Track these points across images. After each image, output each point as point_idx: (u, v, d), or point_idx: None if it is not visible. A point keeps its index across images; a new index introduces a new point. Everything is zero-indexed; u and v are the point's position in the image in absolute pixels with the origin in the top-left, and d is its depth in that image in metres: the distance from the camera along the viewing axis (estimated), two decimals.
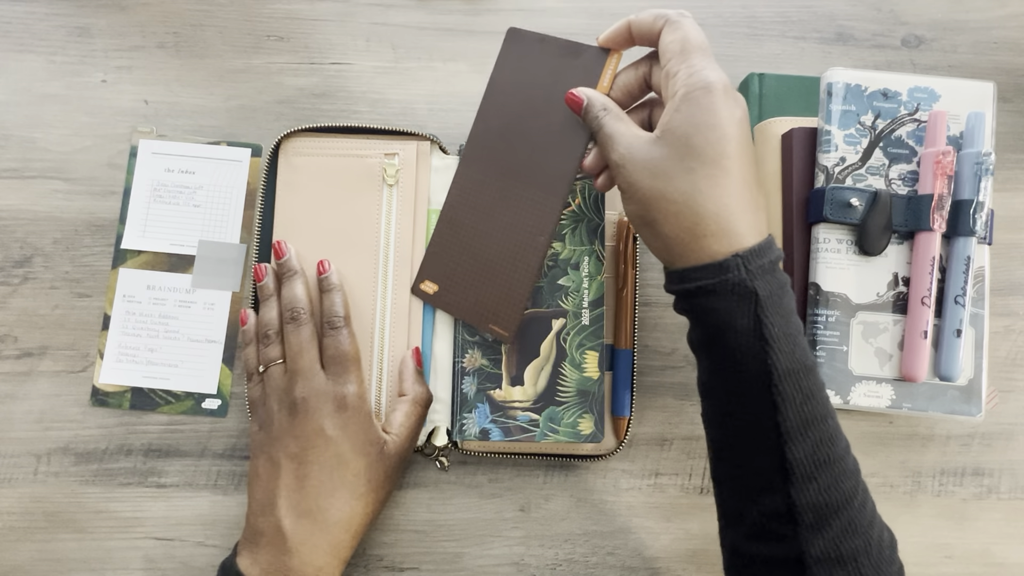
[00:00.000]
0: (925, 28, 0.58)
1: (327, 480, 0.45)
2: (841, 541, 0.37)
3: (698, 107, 0.38)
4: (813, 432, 0.37)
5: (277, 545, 0.44)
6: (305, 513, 0.45)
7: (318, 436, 0.46)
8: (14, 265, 0.53)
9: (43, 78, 0.55)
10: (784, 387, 0.37)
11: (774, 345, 0.37)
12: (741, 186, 0.38)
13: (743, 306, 0.37)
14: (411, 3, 0.57)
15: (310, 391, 0.47)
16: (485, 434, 0.50)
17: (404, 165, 0.53)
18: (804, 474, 0.37)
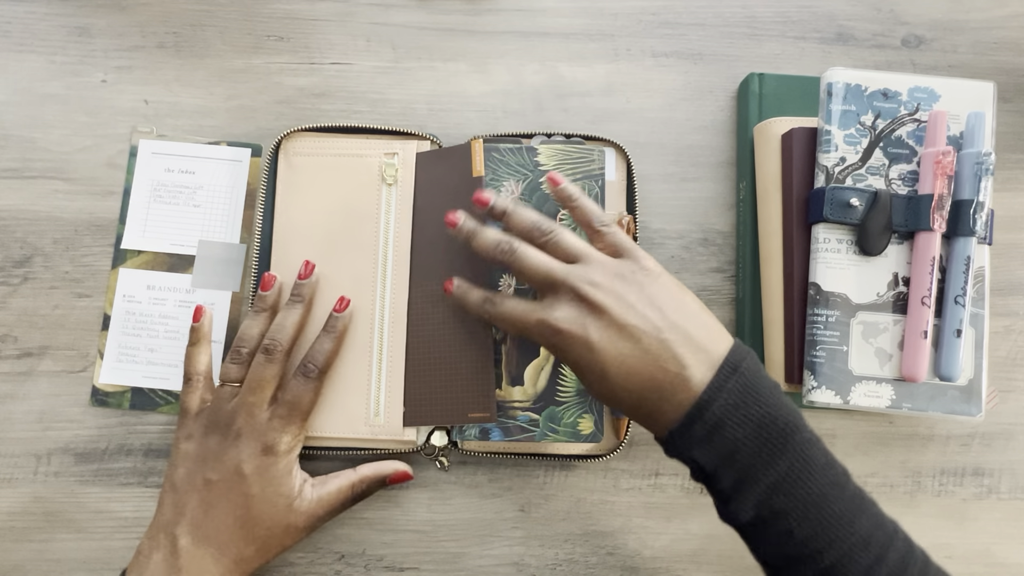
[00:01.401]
0: (925, 28, 0.58)
1: (230, 514, 0.45)
2: None
3: (570, 363, 0.42)
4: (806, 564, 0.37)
5: (168, 559, 0.44)
6: (203, 539, 0.45)
7: (235, 471, 0.45)
8: (14, 265, 0.53)
9: (43, 78, 0.55)
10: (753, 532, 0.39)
11: (729, 499, 0.39)
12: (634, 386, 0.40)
13: (696, 470, 0.40)
14: (411, 3, 0.57)
15: (247, 427, 0.46)
16: (485, 434, 0.50)
17: (404, 165, 0.53)
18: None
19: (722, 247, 0.56)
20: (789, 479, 0.37)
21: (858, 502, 0.38)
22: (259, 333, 0.49)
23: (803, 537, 0.37)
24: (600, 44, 0.57)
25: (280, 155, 0.53)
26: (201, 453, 0.46)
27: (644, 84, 0.57)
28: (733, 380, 0.39)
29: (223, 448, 0.46)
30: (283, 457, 0.46)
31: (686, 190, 0.56)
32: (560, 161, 0.53)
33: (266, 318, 0.49)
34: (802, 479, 0.37)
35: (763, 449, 0.38)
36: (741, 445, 0.38)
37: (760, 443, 0.38)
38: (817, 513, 0.37)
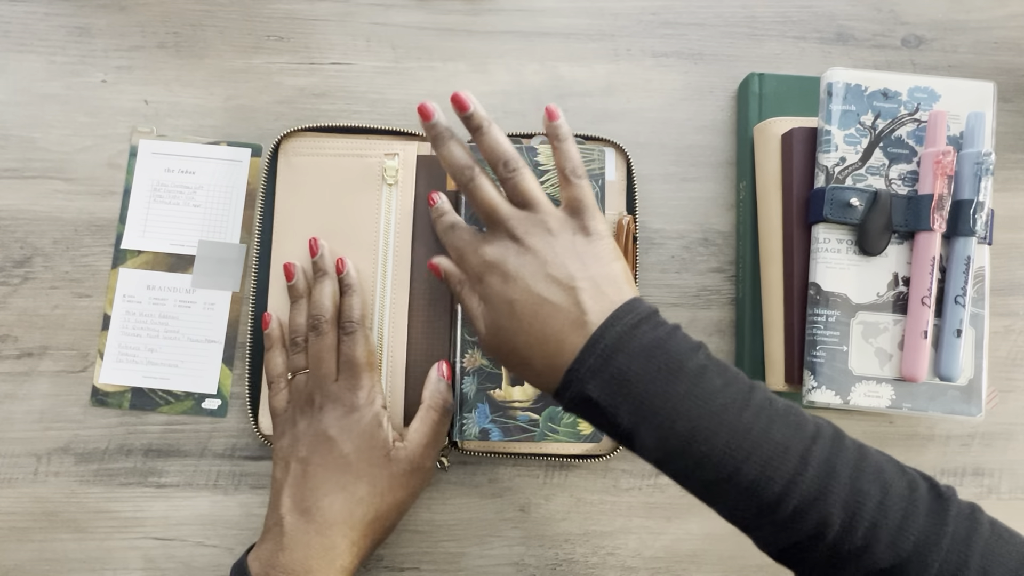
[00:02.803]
0: (925, 28, 0.58)
1: (326, 481, 0.45)
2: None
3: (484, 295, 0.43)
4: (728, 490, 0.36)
5: (275, 539, 0.45)
6: (304, 511, 0.45)
7: (323, 438, 0.46)
8: (14, 265, 0.53)
9: (43, 78, 0.55)
10: (666, 466, 0.38)
11: (632, 435, 0.38)
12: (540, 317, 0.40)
13: (593, 411, 0.39)
14: (411, 3, 0.57)
15: (323, 397, 0.48)
16: (485, 434, 0.50)
17: (404, 165, 0.53)
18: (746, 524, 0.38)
19: (722, 247, 0.56)
20: (688, 402, 0.36)
21: (768, 411, 0.37)
22: (305, 319, 0.50)
23: (717, 458, 0.36)
24: (600, 44, 0.57)
25: (280, 155, 0.53)
26: (293, 440, 0.47)
27: (644, 84, 0.57)
28: (628, 317, 0.39)
29: (310, 425, 0.47)
30: (366, 411, 0.47)
31: (686, 190, 0.56)
32: None
33: (304, 304, 0.51)
34: (702, 400, 0.36)
35: (657, 376, 0.37)
36: (634, 374, 0.37)
37: (653, 370, 0.37)
38: (725, 430, 0.36)
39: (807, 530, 0.35)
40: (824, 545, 0.35)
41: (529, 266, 0.41)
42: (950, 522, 0.35)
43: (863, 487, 0.35)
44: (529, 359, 0.41)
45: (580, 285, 0.40)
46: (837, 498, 0.35)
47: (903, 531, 0.34)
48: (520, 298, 0.41)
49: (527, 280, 0.41)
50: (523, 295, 0.41)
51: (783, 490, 0.35)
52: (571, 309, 0.40)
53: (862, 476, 0.36)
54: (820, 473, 0.35)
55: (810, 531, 0.35)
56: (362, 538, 0.46)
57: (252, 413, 0.51)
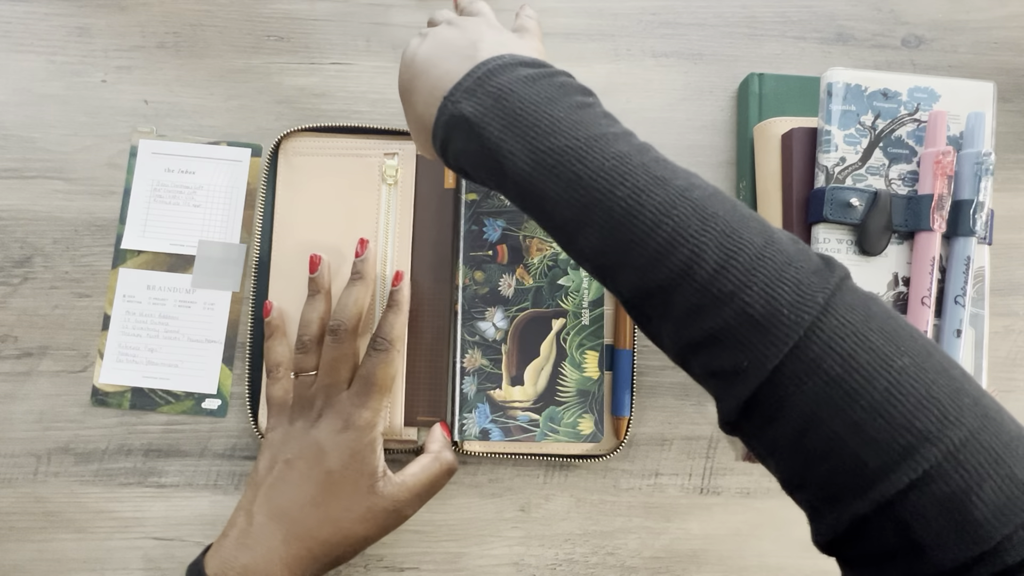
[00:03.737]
0: (925, 28, 0.58)
1: (307, 492, 0.45)
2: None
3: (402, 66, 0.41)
4: (598, 213, 0.32)
5: (240, 539, 0.44)
6: (276, 516, 0.44)
7: (314, 446, 0.46)
8: (14, 265, 0.53)
9: (43, 78, 0.55)
10: (535, 182, 0.33)
11: (499, 149, 0.33)
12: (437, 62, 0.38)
13: (463, 131, 0.35)
14: (411, 3, 0.57)
15: (326, 405, 0.47)
16: (485, 434, 0.50)
17: (404, 165, 0.53)
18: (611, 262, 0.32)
19: None
20: (566, 124, 0.33)
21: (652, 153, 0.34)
22: (318, 317, 0.49)
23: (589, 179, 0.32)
24: (600, 44, 0.57)
25: (280, 155, 0.53)
26: (285, 438, 0.47)
27: (644, 84, 0.57)
28: (525, 58, 0.36)
29: (305, 429, 0.46)
30: (364, 433, 0.46)
31: None
32: None
33: (322, 300, 0.49)
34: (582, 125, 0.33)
35: (538, 97, 0.34)
36: (512, 92, 0.34)
37: (534, 93, 0.34)
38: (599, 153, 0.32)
39: (670, 271, 0.31)
40: (688, 291, 0.31)
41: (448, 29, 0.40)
42: (835, 282, 0.31)
43: (743, 231, 0.31)
44: (414, 103, 0.39)
45: (485, 38, 0.38)
46: (713, 237, 0.31)
47: (782, 280, 0.30)
48: (425, 49, 0.39)
49: (439, 35, 0.40)
50: (429, 46, 0.39)
51: (655, 220, 0.31)
52: (466, 48, 0.37)
53: (746, 221, 0.32)
54: (697, 209, 0.31)
55: (674, 272, 0.31)
56: (321, 556, 0.44)
57: (252, 413, 0.51)
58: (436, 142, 0.37)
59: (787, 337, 0.29)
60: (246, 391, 0.52)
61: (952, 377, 0.29)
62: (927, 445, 0.27)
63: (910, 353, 0.29)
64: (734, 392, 0.31)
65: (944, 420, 0.28)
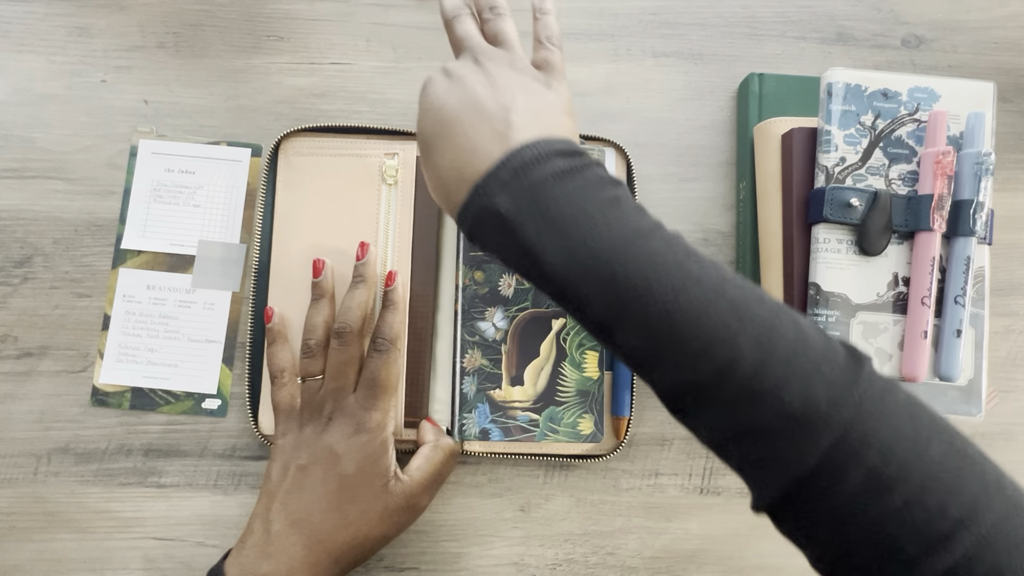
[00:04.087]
0: (925, 28, 0.58)
1: (323, 497, 0.45)
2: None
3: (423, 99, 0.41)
4: (636, 313, 0.33)
5: (260, 547, 0.44)
6: (295, 523, 0.44)
7: (328, 452, 0.46)
8: (14, 265, 0.53)
9: (43, 78, 0.55)
10: (572, 282, 0.34)
11: (537, 249, 0.34)
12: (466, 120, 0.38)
13: (497, 226, 0.35)
14: (411, 3, 0.57)
15: (336, 409, 0.47)
16: (485, 434, 0.50)
17: (404, 165, 0.53)
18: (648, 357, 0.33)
19: (722, 247, 0.56)
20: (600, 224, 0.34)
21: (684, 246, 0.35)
22: (323, 321, 0.49)
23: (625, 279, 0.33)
24: (600, 44, 0.57)
25: (280, 155, 0.53)
26: (296, 444, 0.47)
27: (644, 84, 0.57)
28: (558, 144, 0.36)
29: (316, 435, 0.46)
30: (376, 435, 0.46)
31: (686, 190, 0.56)
32: None
33: (326, 304, 0.50)
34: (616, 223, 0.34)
35: (573, 194, 0.34)
36: (548, 190, 0.34)
37: (570, 189, 0.34)
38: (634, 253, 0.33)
39: (712, 369, 0.32)
40: (729, 387, 0.32)
41: (478, 78, 0.39)
42: (865, 375, 0.32)
43: (778, 326, 0.32)
44: (438, 165, 0.39)
45: (517, 107, 0.38)
46: (750, 335, 0.32)
47: (816, 375, 0.31)
48: (454, 102, 0.39)
49: (470, 87, 0.39)
50: (459, 99, 0.39)
51: (694, 319, 0.32)
52: (500, 122, 0.37)
53: (779, 317, 0.33)
54: (734, 306, 0.32)
55: (715, 370, 0.32)
56: (342, 559, 0.45)
57: (252, 413, 0.51)
58: (463, 223, 0.38)
59: (828, 433, 0.31)
60: (246, 391, 0.52)
61: (975, 460, 0.32)
62: (963, 531, 0.30)
63: (938, 439, 0.32)
64: (775, 483, 0.32)
65: (975, 506, 0.30)
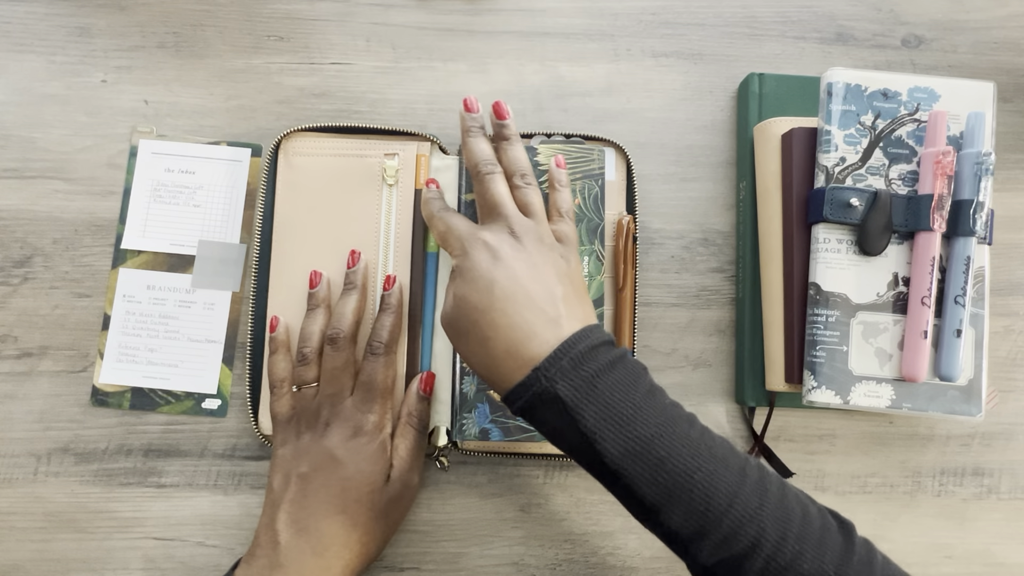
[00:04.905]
0: (925, 28, 0.58)
1: (327, 502, 0.45)
2: None
3: (464, 272, 0.42)
4: (681, 495, 0.37)
5: (270, 556, 0.44)
6: (302, 531, 0.45)
7: (327, 458, 0.46)
8: (14, 265, 0.53)
9: (43, 78, 0.55)
10: (626, 467, 0.38)
11: (595, 436, 0.38)
12: (518, 304, 0.40)
13: (556, 410, 0.38)
14: (411, 3, 0.57)
15: (332, 414, 0.47)
16: (485, 434, 0.50)
17: (404, 165, 0.53)
18: (690, 535, 0.37)
19: (722, 247, 0.56)
20: (647, 410, 0.38)
21: (708, 433, 0.39)
22: (319, 329, 0.49)
23: (672, 463, 0.37)
24: (600, 44, 0.57)
25: (280, 155, 0.53)
26: (296, 452, 0.47)
27: (644, 84, 0.57)
28: (598, 333, 0.40)
29: (315, 441, 0.47)
30: (373, 436, 0.47)
31: (686, 190, 0.56)
32: None
33: (322, 313, 0.50)
34: (658, 411, 0.38)
35: (621, 384, 0.39)
36: (602, 380, 0.38)
37: (618, 379, 0.39)
38: (678, 439, 0.38)
39: (744, 545, 0.36)
40: (759, 561, 0.36)
41: (521, 257, 0.42)
42: (856, 543, 0.38)
43: (788, 505, 0.38)
44: (491, 340, 0.40)
45: (562, 291, 0.42)
46: (770, 514, 0.37)
47: (823, 546, 0.37)
48: (503, 280, 0.41)
49: (516, 267, 0.42)
50: (508, 278, 0.41)
51: (727, 501, 0.37)
52: (550, 307, 0.41)
53: (786, 495, 0.38)
54: (756, 490, 0.37)
55: (746, 546, 0.36)
56: (356, 560, 0.46)
57: (252, 413, 0.51)
58: (513, 400, 0.40)
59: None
60: (246, 391, 0.52)
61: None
62: None
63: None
64: None
65: None
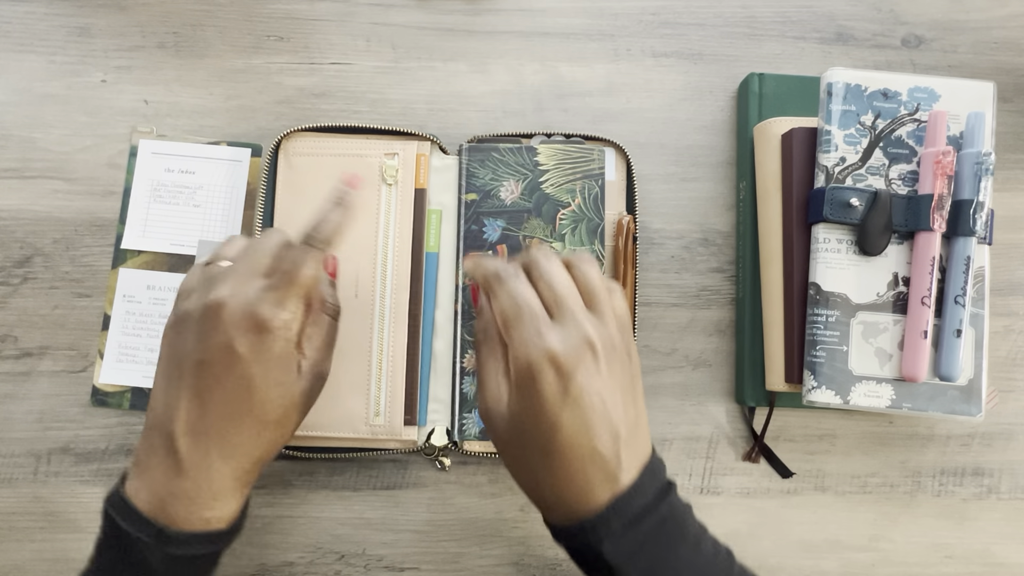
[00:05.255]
0: (925, 28, 0.58)
1: (231, 403, 0.39)
2: None
3: (525, 395, 0.37)
4: None
5: (168, 465, 0.38)
6: (202, 433, 0.38)
7: (225, 351, 0.38)
8: (14, 265, 0.53)
9: (43, 78, 0.55)
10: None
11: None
12: (578, 458, 0.37)
13: (597, 566, 0.38)
14: (411, 3, 0.57)
15: (233, 296, 0.38)
16: (485, 434, 0.50)
17: (404, 165, 0.53)
18: None
19: (722, 247, 0.56)
20: (689, 570, 0.38)
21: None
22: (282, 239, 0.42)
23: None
24: (600, 44, 0.57)
25: (280, 155, 0.53)
26: (184, 334, 0.39)
27: (644, 84, 0.57)
28: (654, 483, 0.38)
29: (207, 324, 0.38)
30: (280, 335, 0.39)
31: (686, 190, 0.56)
32: (560, 161, 0.53)
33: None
34: (699, 569, 0.38)
35: (667, 543, 0.38)
36: (649, 543, 0.37)
37: (664, 537, 0.38)
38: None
39: None
40: None
41: (593, 395, 0.37)
42: None
43: None
44: (541, 482, 0.38)
45: (623, 433, 0.37)
46: None
47: None
48: (569, 426, 0.36)
49: (587, 414, 0.36)
50: (574, 427, 0.36)
51: None
52: (609, 461, 0.37)
53: None
54: None
55: None
56: (267, 454, 0.41)
57: None
58: (557, 538, 0.40)
59: None
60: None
61: None
62: None
63: None
64: None
65: None
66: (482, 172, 0.53)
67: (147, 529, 0.37)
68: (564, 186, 0.52)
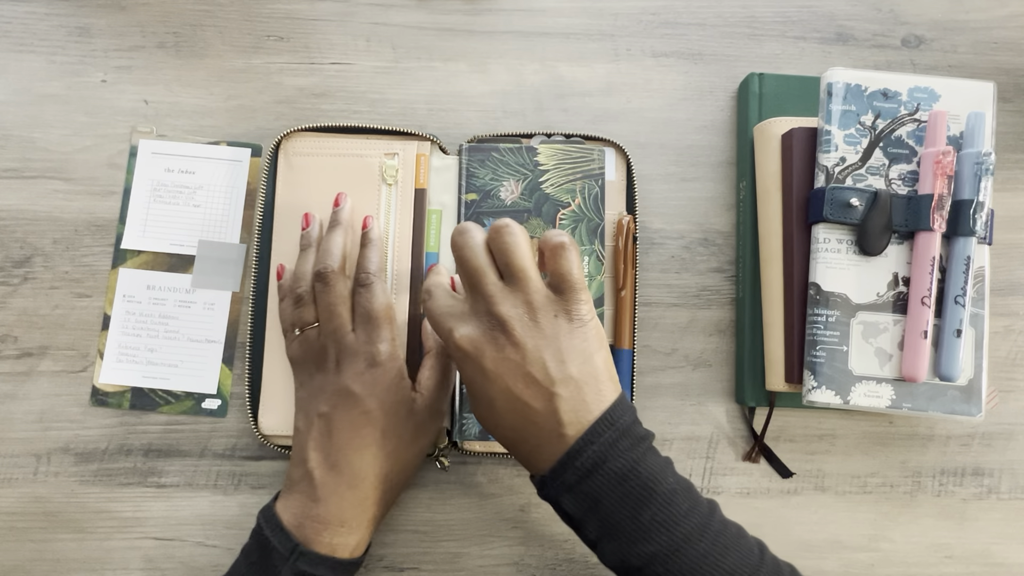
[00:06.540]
0: (925, 28, 0.58)
1: (354, 437, 0.45)
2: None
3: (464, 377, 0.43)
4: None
5: (307, 493, 0.45)
6: (333, 466, 0.45)
7: (345, 395, 0.46)
8: (14, 265, 0.53)
9: (43, 78, 0.55)
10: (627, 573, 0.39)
11: (593, 546, 0.40)
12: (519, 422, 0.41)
13: (561, 514, 0.41)
14: (411, 3, 0.57)
15: (340, 351, 0.47)
16: (485, 434, 0.50)
17: (404, 165, 0.53)
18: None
19: (722, 247, 0.56)
20: (653, 528, 0.38)
21: (723, 539, 0.39)
22: (311, 269, 0.49)
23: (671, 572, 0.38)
24: (600, 44, 0.57)
25: (280, 155, 0.53)
26: (312, 393, 0.47)
27: (644, 84, 0.57)
28: (607, 433, 0.39)
29: (328, 379, 0.46)
30: (388, 365, 0.46)
31: (686, 190, 0.56)
32: (560, 161, 0.53)
33: (313, 253, 0.50)
34: (666, 527, 0.38)
35: (627, 500, 0.38)
36: (606, 497, 0.38)
37: (624, 494, 0.38)
38: (683, 557, 0.38)
39: None
40: None
41: (507, 363, 0.40)
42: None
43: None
44: (512, 448, 0.43)
45: (559, 391, 0.39)
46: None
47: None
48: (500, 399, 0.40)
49: (506, 380, 0.40)
50: (502, 396, 0.40)
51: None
52: (549, 419, 0.39)
53: None
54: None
55: None
56: (390, 489, 0.47)
57: (252, 413, 0.51)
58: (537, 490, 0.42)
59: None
60: (246, 391, 0.52)
61: None
62: None
63: None
64: None
65: None
66: (482, 172, 0.53)
67: (287, 543, 0.43)
68: (564, 186, 0.52)
